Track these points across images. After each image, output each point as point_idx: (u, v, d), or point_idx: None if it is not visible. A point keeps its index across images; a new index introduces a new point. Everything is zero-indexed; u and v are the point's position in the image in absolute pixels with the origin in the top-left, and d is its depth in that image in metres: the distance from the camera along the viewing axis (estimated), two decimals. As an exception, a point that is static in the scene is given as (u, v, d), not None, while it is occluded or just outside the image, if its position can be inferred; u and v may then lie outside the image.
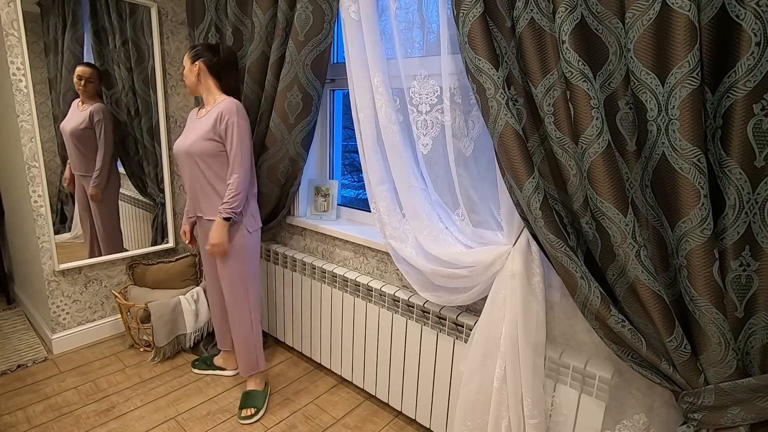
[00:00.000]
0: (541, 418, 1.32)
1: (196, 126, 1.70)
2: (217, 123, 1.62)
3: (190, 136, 1.67)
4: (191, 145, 1.65)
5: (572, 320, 1.34)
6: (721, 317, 0.94)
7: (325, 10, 1.63)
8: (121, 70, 2.13)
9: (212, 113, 1.65)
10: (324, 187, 2.05)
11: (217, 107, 1.64)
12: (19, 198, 2.12)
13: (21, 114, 1.87)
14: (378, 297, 1.72)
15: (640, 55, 0.92)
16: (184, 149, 1.68)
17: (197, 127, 1.68)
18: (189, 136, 1.68)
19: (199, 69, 1.67)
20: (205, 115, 1.68)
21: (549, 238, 1.12)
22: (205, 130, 1.64)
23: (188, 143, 1.66)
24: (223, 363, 2.05)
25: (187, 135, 1.70)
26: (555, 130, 1.08)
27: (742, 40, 0.84)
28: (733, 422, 0.99)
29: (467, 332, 1.47)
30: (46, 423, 1.69)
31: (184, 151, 1.67)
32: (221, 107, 1.62)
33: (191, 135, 1.67)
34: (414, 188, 1.50)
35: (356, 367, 1.89)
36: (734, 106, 0.87)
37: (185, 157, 1.68)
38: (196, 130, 1.68)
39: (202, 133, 1.64)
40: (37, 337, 2.25)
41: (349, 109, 1.98)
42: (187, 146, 1.66)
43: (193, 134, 1.67)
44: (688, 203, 0.91)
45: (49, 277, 2.07)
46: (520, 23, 1.09)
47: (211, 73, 1.69)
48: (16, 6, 1.79)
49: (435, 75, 1.39)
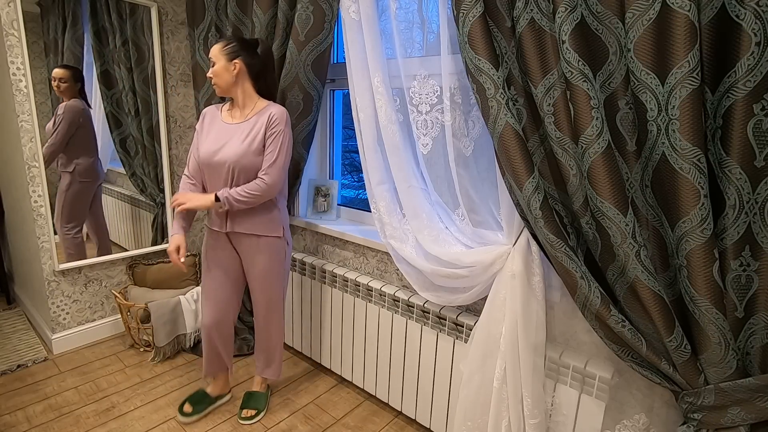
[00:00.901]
0: (541, 418, 1.32)
1: (232, 133, 1.53)
2: (266, 132, 1.51)
3: (231, 146, 1.51)
4: (240, 157, 1.49)
5: (572, 320, 1.34)
6: (721, 317, 0.94)
7: (326, 10, 1.63)
8: (121, 70, 2.13)
9: (256, 121, 1.52)
10: (324, 187, 2.05)
11: (264, 114, 1.52)
12: (19, 198, 2.12)
13: (21, 114, 1.87)
14: (378, 297, 1.72)
15: (640, 55, 0.92)
16: (226, 161, 1.50)
17: (236, 135, 1.52)
18: (229, 145, 1.51)
19: (238, 69, 1.51)
20: (243, 122, 1.54)
21: (549, 238, 1.12)
22: (254, 141, 1.50)
23: (233, 155, 1.49)
24: (220, 390, 1.83)
25: (225, 143, 1.52)
26: (555, 130, 1.08)
27: (742, 40, 0.84)
28: (733, 422, 0.99)
29: (467, 332, 1.47)
30: (46, 423, 1.69)
31: (227, 163, 1.50)
32: (272, 114, 1.51)
33: (232, 144, 1.51)
34: (414, 188, 1.50)
35: (356, 367, 1.89)
36: (734, 106, 0.87)
37: (223, 168, 1.51)
38: (236, 138, 1.52)
39: (251, 146, 1.50)
40: (37, 337, 2.25)
41: (349, 109, 1.98)
42: (234, 159, 1.49)
43: (234, 144, 1.51)
44: (688, 203, 0.91)
45: (49, 277, 2.07)
46: (520, 23, 1.09)
47: (250, 74, 1.54)
48: (16, 6, 1.79)
49: (435, 75, 1.39)
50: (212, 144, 1.54)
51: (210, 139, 1.56)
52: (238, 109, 1.58)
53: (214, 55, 1.52)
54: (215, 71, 1.53)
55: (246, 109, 1.57)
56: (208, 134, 1.58)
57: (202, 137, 1.59)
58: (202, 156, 1.55)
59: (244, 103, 1.56)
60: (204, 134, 1.59)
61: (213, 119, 1.61)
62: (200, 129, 1.61)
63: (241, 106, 1.57)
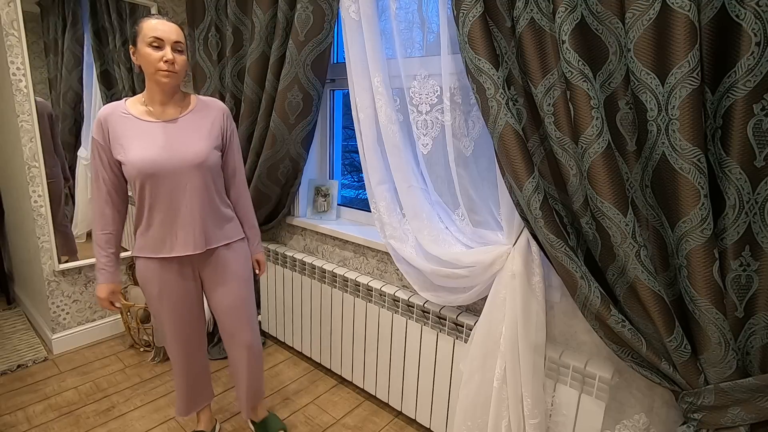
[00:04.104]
0: (541, 418, 1.32)
1: (177, 130, 1.29)
2: (221, 127, 1.36)
3: (191, 144, 1.28)
4: (205, 155, 1.29)
5: (572, 320, 1.34)
6: (721, 317, 0.94)
7: (326, 10, 1.63)
8: (121, 70, 2.13)
9: (204, 114, 1.34)
10: (324, 187, 2.05)
11: (210, 107, 1.36)
12: (19, 198, 2.12)
13: (21, 114, 1.87)
14: (378, 297, 1.72)
15: (640, 55, 0.92)
16: (189, 162, 1.27)
17: (185, 131, 1.30)
18: (185, 143, 1.28)
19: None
20: (183, 115, 1.31)
21: (549, 238, 1.12)
22: (211, 136, 1.32)
23: (201, 153, 1.28)
24: (208, 421, 1.65)
25: (173, 143, 1.26)
26: (555, 130, 1.08)
27: (742, 40, 0.84)
28: (733, 422, 0.99)
29: (467, 332, 1.47)
30: (46, 423, 1.69)
31: (190, 164, 1.27)
32: (217, 109, 1.37)
33: (191, 142, 1.29)
34: (414, 188, 1.50)
35: (356, 367, 1.89)
36: (734, 106, 0.87)
37: (184, 173, 1.27)
38: (189, 135, 1.30)
39: (206, 141, 1.31)
40: (37, 337, 2.25)
41: (349, 109, 1.98)
42: (202, 157, 1.28)
43: (194, 141, 1.29)
44: (688, 203, 0.91)
45: (49, 277, 2.07)
46: (520, 23, 1.09)
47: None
48: (16, 6, 1.79)
49: (435, 75, 1.39)
50: (148, 149, 1.24)
51: (141, 145, 1.24)
52: (170, 105, 1.31)
53: (180, 39, 1.24)
54: (183, 61, 1.26)
55: (180, 104, 1.33)
56: (130, 139, 1.24)
57: (123, 144, 1.24)
58: (144, 164, 1.23)
59: (181, 98, 1.34)
60: (124, 140, 1.24)
61: (124, 122, 1.26)
62: (113, 137, 1.25)
63: (175, 101, 1.32)
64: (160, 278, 1.35)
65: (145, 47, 1.21)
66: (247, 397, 1.57)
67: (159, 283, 1.35)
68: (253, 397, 1.59)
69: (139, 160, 1.22)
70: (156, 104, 1.29)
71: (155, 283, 1.35)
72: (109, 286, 1.34)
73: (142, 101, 1.30)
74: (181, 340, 1.45)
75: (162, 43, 1.21)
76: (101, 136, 1.25)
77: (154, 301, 1.38)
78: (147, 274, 1.35)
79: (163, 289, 1.36)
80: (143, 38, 1.21)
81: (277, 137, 1.83)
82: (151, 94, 1.29)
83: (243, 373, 1.52)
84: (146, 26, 1.21)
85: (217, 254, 1.40)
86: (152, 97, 1.29)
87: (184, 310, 1.41)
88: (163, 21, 1.22)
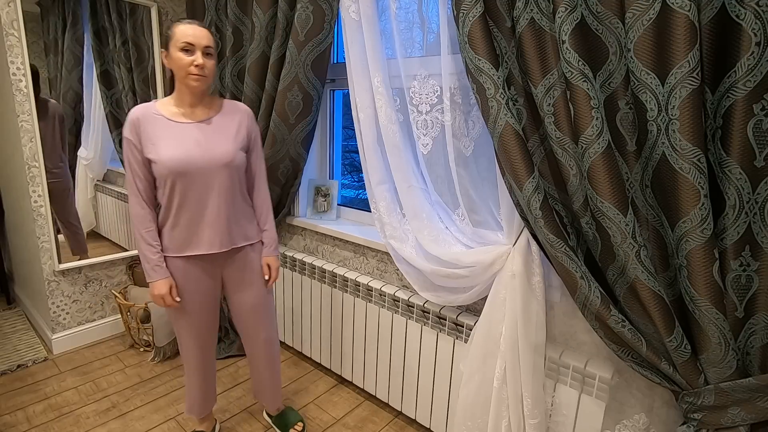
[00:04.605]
0: (541, 418, 1.32)
1: (205, 131, 1.33)
2: (248, 129, 1.41)
3: (219, 144, 1.32)
4: (233, 155, 1.33)
5: (572, 320, 1.34)
6: (721, 317, 0.94)
7: (326, 10, 1.63)
8: (121, 70, 2.13)
9: (231, 117, 1.39)
10: (324, 187, 2.05)
11: (235, 110, 1.40)
12: (19, 198, 2.12)
13: (21, 114, 1.87)
14: (378, 297, 1.72)
15: (640, 55, 0.92)
16: (218, 162, 1.31)
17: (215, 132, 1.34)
18: (214, 143, 1.32)
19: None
20: (211, 117, 1.35)
21: (549, 238, 1.12)
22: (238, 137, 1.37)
23: (227, 153, 1.32)
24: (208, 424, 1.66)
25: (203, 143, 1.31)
26: (555, 130, 1.08)
27: (742, 40, 0.84)
28: (733, 422, 0.99)
29: (467, 332, 1.47)
30: (46, 423, 1.69)
31: (218, 164, 1.31)
32: (243, 111, 1.41)
33: (219, 142, 1.33)
34: (414, 188, 1.50)
35: (356, 367, 1.89)
36: (734, 106, 0.87)
37: (214, 173, 1.31)
38: (217, 136, 1.34)
39: (233, 142, 1.35)
40: (37, 337, 2.25)
41: (349, 109, 1.98)
42: (230, 157, 1.32)
43: (222, 142, 1.33)
44: (688, 203, 0.91)
45: (49, 277, 2.07)
46: (520, 23, 1.09)
47: None
48: (16, 6, 1.79)
49: (435, 75, 1.39)
50: (179, 148, 1.28)
51: (172, 144, 1.28)
52: (199, 107, 1.35)
53: (210, 44, 1.28)
54: (213, 65, 1.30)
55: (206, 107, 1.37)
56: (161, 139, 1.29)
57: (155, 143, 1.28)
58: (175, 163, 1.27)
59: (209, 101, 1.38)
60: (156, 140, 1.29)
61: (154, 122, 1.30)
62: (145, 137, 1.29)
63: (202, 104, 1.36)
64: (184, 277, 1.37)
65: (177, 51, 1.25)
66: (271, 390, 1.65)
67: (180, 282, 1.37)
68: (274, 390, 1.66)
69: (170, 159, 1.26)
70: (185, 106, 1.34)
71: (177, 282, 1.37)
72: (168, 280, 1.34)
73: (172, 103, 1.34)
74: (199, 340, 1.47)
75: (193, 48, 1.25)
76: (134, 136, 1.29)
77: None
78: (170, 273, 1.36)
79: (185, 287, 1.38)
80: (175, 43, 1.25)
81: (277, 137, 1.83)
82: (180, 96, 1.33)
83: (265, 368, 1.59)
84: (178, 31, 1.25)
85: (241, 254, 1.44)
86: (182, 99, 1.33)
87: (203, 310, 1.43)
88: (194, 26, 1.26)
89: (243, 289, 1.47)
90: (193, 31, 1.25)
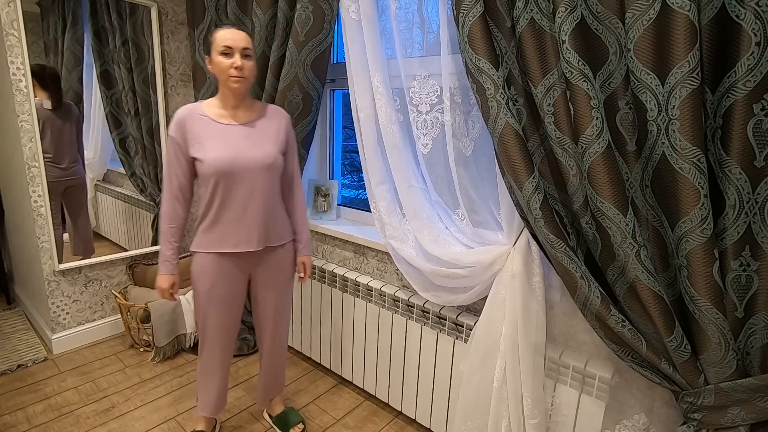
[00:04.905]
0: (541, 418, 1.32)
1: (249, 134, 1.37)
2: (286, 134, 1.46)
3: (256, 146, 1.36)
4: (274, 157, 1.38)
5: (572, 320, 1.34)
6: (721, 317, 0.94)
7: (326, 10, 1.63)
8: (121, 70, 2.13)
9: (271, 120, 1.43)
10: (324, 187, 2.05)
11: (275, 113, 1.45)
12: (19, 198, 2.12)
13: (21, 114, 1.87)
14: (378, 297, 1.72)
15: (640, 55, 0.92)
16: (260, 163, 1.35)
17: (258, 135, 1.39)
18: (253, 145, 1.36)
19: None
20: (253, 121, 1.40)
21: (549, 238, 1.12)
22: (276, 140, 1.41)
23: (264, 155, 1.36)
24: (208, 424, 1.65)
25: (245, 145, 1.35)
26: (555, 130, 1.08)
27: (742, 40, 0.84)
28: (733, 422, 0.99)
29: (467, 332, 1.47)
30: (46, 423, 1.69)
31: (260, 165, 1.35)
32: (283, 115, 1.46)
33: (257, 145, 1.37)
34: (414, 188, 1.50)
35: (356, 367, 1.89)
36: (734, 106, 0.87)
37: (256, 174, 1.35)
38: (260, 138, 1.39)
39: (275, 144, 1.40)
40: (37, 337, 2.25)
41: (349, 109, 1.98)
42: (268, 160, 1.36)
43: (258, 144, 1.37)
44: (688, 203, 0.91)
45: (49, 277, 2.07)
46: (520, 23, 1.09)
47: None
48: (16, 6, 1.79)
49: (435, 75, 1.39)
50: (225, 149, 1.33)
51: (219, 144, 1.33)
52: (241, 109, 1.40)
53: (248, 45, 1.32)
54: (251, 66, 1.34)
55: (247, 109, 1.41)
56: (208, 139, 1.34)
57: (202, 143, 1.34)
58: (221, 163, 1.31)
59: (249, 105, 1.43)
60: (203, 140, 1.34)
61: (201, 122, 1.35)
62: (191, 137, 1.34)
63: (243, 107, 1.41)
64: (216, 273, 1.41)
65: (218, 56, 1.30)
66: (279, 386, 1.72)
67: (212, 278, 1.41)
68: (281, 386, 1.72)
69: (216, 159, 1.31)
70: (229, 108, 1.39)
71: (208, 278, 1.41)
72: (172, 276, 1.42)
73: (216, 105, 1.39)
74: (223, 337, 1.50)
75: (232, 51, 1.30)
76: (180, 135, 1.34)
77: (203, 296, 1.43)
78: (203, 270, 1.41)
79: (216, 283, 1.42)
80: (216, 48, 1.30)
81: (277, 137, 1.83)
82: (224, 98, 1.38)
83: (278, 365, 1.66)
84: (218, 36, 1.31)
85: (273, 254, 1.48)
86: (225, 102, 1.38)
87: (230, 307, 1.47)
88: (232, 30, 1.31)
89: (270, 287, 1.52)
90: (231, 35, 1.30)
